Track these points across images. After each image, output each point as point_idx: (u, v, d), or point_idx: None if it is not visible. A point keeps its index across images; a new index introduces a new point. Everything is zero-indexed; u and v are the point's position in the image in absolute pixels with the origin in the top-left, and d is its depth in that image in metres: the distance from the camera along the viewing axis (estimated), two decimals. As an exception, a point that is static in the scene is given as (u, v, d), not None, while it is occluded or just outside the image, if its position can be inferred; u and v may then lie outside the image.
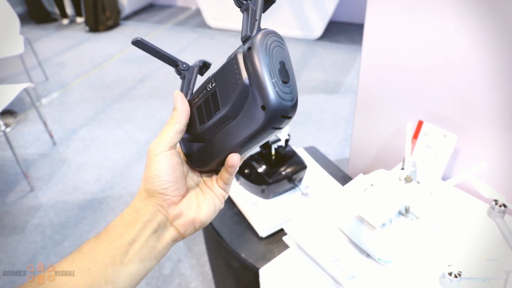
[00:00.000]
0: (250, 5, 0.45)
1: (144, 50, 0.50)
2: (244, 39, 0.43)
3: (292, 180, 1.16)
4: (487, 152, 1.10)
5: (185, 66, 0.53)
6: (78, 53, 4.32)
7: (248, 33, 0.43)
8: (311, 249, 0.92)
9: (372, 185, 0.95)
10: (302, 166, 1.18)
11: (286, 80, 0.41)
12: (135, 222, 0.45)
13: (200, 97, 0.48)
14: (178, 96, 0.49)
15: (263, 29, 0.42)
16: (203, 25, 5.08)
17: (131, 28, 5.13)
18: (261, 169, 1.13)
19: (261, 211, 1.13)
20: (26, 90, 2.47)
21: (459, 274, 0.80)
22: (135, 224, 0.45)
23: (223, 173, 0.50)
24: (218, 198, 0.51)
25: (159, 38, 4.74)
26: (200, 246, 1.94)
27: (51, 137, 2.78)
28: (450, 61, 1.07)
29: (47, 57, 4.18)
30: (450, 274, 0.81)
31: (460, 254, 0.91)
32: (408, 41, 1.14)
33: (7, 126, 2.95)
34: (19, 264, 1.87)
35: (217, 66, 0.47)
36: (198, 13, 5.50)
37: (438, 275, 0.85)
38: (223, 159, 0.47)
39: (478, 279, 0.82)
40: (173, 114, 0.48)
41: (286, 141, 1.19)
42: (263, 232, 1.09)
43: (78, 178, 2.47)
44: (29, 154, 2.68)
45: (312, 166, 1.29)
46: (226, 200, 0.97)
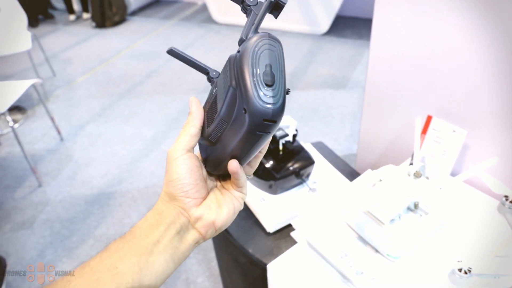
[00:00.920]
0: (253, 10, 0.45)
1: (176, 58, 0.51)
2: (239, 43, 0.44)
3: (299, 175, 1.16)
4: (497, 147, 1.09)
5: (215, 73, 0.53)
6: (85, 49, 4.33)
7: (243, 37, 0.43)
8: (319, 244, 0.92)
9: (381, 180, 0.94)
10: (309, 162, 1.17)
11: (270, 83, 0.40)
12: (159, 223, 0.46)
13: (208, 101, 0.50)
14: (193, 101, 0.50)
15: (259, 33, 0.42)
16: (210, 20, 5.07)
17: (138, 23, 5.13)
18: (268, 164, 1.13)
19: (268, 207, 1.12)
20: (33, 86, 2.48)
21: (469, 270, 0.80)
22: (159, 225, 0.46)
23: (227, 182, 0.52)
24: (236, 199, 0.52)
25: (166, 33, 4.74)
26: (207, 242, 1.95)
27: (59, 133, 2.80)
28: (460, 55, 1.05)
29: (54, 53, 4.19)
30: (460, 270, 0.80)
31: (469, 250, 0.90)
32: (416, 35, 1.13)
33: (15, 122, 2.97)
34: (28, 258, 1.89)
35: (226, 59, 0.47)
36: (204, 8, 5.48)
37: (447, 271, 0.84)
38: (227, 165, 0.48)
39: (488, 276, 0.81)
40: (188, 118, 0.49)
41: (294, 136, 1.19)
42: (271, 227, 1.09)
43: (86, 173, 2.48)
44: (37, 150, 2.69)
45: (319, 162, 1.29)
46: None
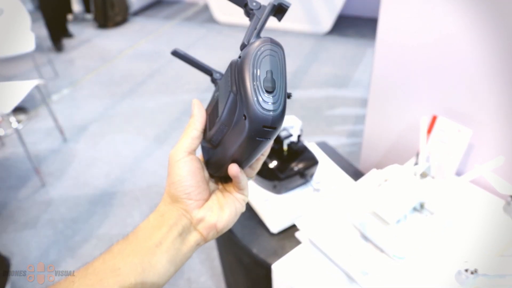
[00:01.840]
0: (256, 14, 0.45)
1: (180, 59, 0.51)
2: (241, 48, 0.43)
3: (304, 175, 1.15)
4: (502, 146, 1.08)
5: (218, 75, 0.53)
6: (87, 49, 4.34)
7: (245, 42, 0.43)
8: (324, 244, 0.92)
9: (386, 180, 0.94)
10: (313, 162, 1.17)
11: (271, 89, 0.39)
12: (161, 225, 0.46)
13: (211, 104, 0.50)
14: (195, 103, 0.50)
15: (261, 37, 0.42)
16: (211, 20, 5.07)
17: (140, 24, 5.13)
18: (272, 164, 1.13)
19: (272, 207, 1.12)
20: (37, 87, 2.48)
21: (476, 271, 0.79)
22: (161, 227, 0.46)
23: (229, 185, 0.52)
24: (238, 201, 0.51)
25: (168, 33, 4.74)
26: (209, 241, 1.94)
27: (62, 133, 2.80)
28: (466, 55, 1.05)
29: (57, 53, 4.19)
30: (466, 270, 0.80)
31: (475, 250, 0.90)
32: (422, 34, 1.12)
33: (19, 122, 2.97)
34: (32, 258, 1.89)
35: (227, 59, 0.47)
36: (206, 8, 5.48)
37: (453, 272, 0.84)
38: (228, 168, 0.48)
39: (494, 276, 0.81)
40: (190, 120, 0.49)
41: (298, 136, 1.18)
42: (275, 227, 1.09)
43: (88, 173, 2.48)
44: (40, 150, 2.70)
45: (323, 161, 1.28)
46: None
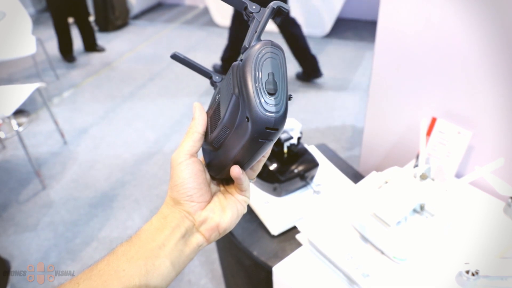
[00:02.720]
0: (256, 17, 0.45)
1: (179, 63, 0.52)
2: (242, 51, 0.44)
3: (304, 178, 1.16)
4: (502, 148, 1.09)
5: (218, 78, 0.53)
6: (88, 52, 4.34)
7: (246, 45, 0.43)
8: (325, 246, 0.92)
9: (386, 182, 0.94)
10: (314, 164, 1.17)
11: (273, 92, 0.40)
12: (164, 227, 0.47)
13: (212, 107, 0.50)
14: (196, 106, 0.50)
15: (261, 40, 0.43)
16: (211, 23, 5.08)
17: (140, 27, 5.14)
18: (273, 167, 1.13)
19: (273, 209, 1.12)
20: (38, 90, 2.49)
21: (477, 273, 0.79)
22: (164, 229, 0.47)
23: (230, 187, 0.52)
24: (240, 203, 0.52)
25: (168, 37, 4.75)
26: (209, 244, 1.95)
27: (62, 136, 2.80)
28: (465, 57, 1.06)
29: (58, 57, 4.20)
30: (467, 272, 0.80)
31: (475, 252, 0.90)
32: (421, 37, 1.13)
33: (20, 125, 2.98)
34: (32, 261, 1.89)
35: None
36: (206, 11, 5.49)
37: (454, 273, 0.84)
38: (229, 169, 0.48)
39: (495, 277, 0.81)
40: (191, 123, 0.49)
41: (298, 139, 1.19)
42: (275, 230, 1.09)
43: (89, 176, 2.48)
44: (41, 153, 2.70)
45: (323, 164, 1.29)
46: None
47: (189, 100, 3.31)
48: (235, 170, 0.47)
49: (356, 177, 1.27)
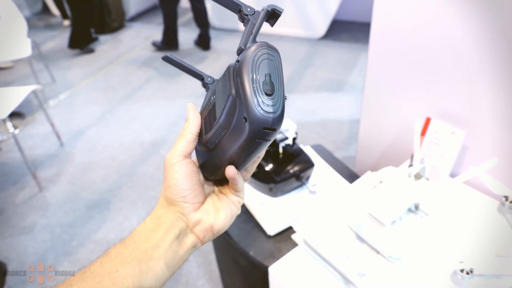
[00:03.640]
0: (250, 19, 0.46)
1: (171, 64, 0.52)
2: (238, 52, 0.44)
3: (299, 178, 1.16)
4: (496, 148, 1.10)
5: (210, 79, 0.54)
6: (84, 55, 4.34)
7: (242, 46, 0.44)
8: (321, 246, 0.92)
9: (381, 182, 0.95)
10: (309, 164, 1.18)
11: (270, 92, 0.41)
12: (158, 228, 0.47)
13: (206, 108, 0.50)
14: (190, 108, 0.50)
15: (257, 42, 0.44)
16: (208, 25, 5.08)
17: (136, 29, 5.14)
18: (268, 167, 1.13)
19: (269, 210, 1.13)
20: (34, 92, 2.48)
21: (471, 271, 0.80)
22: (158, 230, 0.47)
23: (224, 187, 0.53)
24: (234, 204, 0.52)
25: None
26: (207, 244, 1.95)
27: (59, 138, 2.80)
28: (458, 56, 1.06)
29: (54, 59, 4.20)
30: (462, 271, 0.80)
31: (470, 251, 0.91)
32: (415, 37, 1.13)
33: (16, 127, 2.97)
34: (29, 263, 1.88)
35: (223, 64, 0.48)
36: (202, 13, 5.49)
37: (449, 272, 0.84)
38: (224, 170, 0.48)
39: (490, 276, 0.82)
40: (185, 124, 0.49)
41: (294, 139, 1.19)
42: (271, 230, 1.09)
43: (86, 178, 2.48)
44: (37, 155, 2.69)
45: (319, 164, 1.29)
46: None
47: (185, 102, 3.31)
48: (230, 171, 0.47)
49: (351, 177, 1.27)
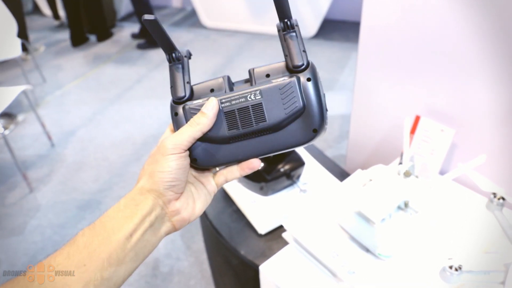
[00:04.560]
0: (296, 32, 0.49)
1: (150, 29, 0.52)
2: (296, 67, 0.48)
3: (290, 177, 1.16)
4: (484, 145, 1.10)
5: (179, 55, 0.55)
6: (75, 54, 4.31)
7: (298, 62, 0.48)
8: (311, 245, 0.93)
9: (371, 180, 0.95)
10: (300, 163, 1.18)
11: (327, 109, 0.49)
12: (133, 215, 0.45)
13: (233, 103, 0.49)
14: (214, 105, 0.48)
15: (309, 61, 0.49)
16: (199, 25, 5.06)
17: (127, 29, 5.11)
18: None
19: (260, 208, 1.13)
20: (24, 93, 2.46)
21: (460, 268, 0.81)
22: (133, 217, 0.45)
23: (234, 172, 0.52)
24: (209, 194, 0.53)
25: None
26: (198, 244, 1.94)
27: (49, 138, 2.78)
28: (447, 55, 1.07)
29: (45, 59, 4.17)
30: (451, 267, 0.81)
31: (459, 247, 0.91)
32: (404, 35, 1.14)
33: (6, 128, 2.94)
34: (20, 265, 1.87)
35: (215, 63, 0.47)
36: (193, 13, 5.47)
37: (438, 269, 0.85)
38: (241, 162, 0.50)
39: (479, 272, 0.82)
40: (200, 119, 0.48)
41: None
42: (262, 229, 1.09)
43: (77, 178, 2.46)
44: (27, 156, 2.67)
45: (310, 163, 1.29)
46: (224, 197, 0.99)
47: (177, 101, 3.30)
48: (256, 163, 0.50)
49: (342, 175, 1.28)
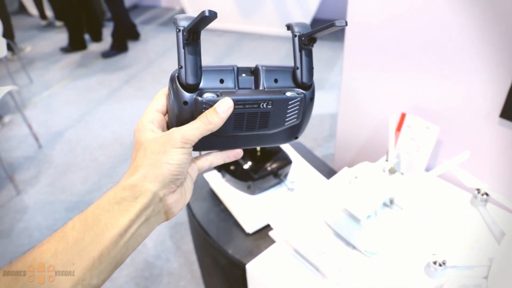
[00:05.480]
0: (311, 49, 0.51)
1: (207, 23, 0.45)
2: (304, 84, 0.51)
3: (277, 175, 1.17)
4: (469, 142, 1.12)
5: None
6: (63, 55, 4.28)
7: (308, 81, 0.51)
8: (297, 243, 0.93)
9: (356, 177, 0.96)
10: (287, 161, 1.18)
11: None
12: (131, 208, 0.42)
13: (246, 107, 0.48)
14: (231, 106, 0.46)
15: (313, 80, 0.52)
16: (188, 24, 5.06)
17: (116, 29, 5.08)
18: (246, 165, 1.13)
19: (247, 207, 1.13)
20: (10, 93, 2.43)
21: (444, 263, 0.81)
22: (130, 211, 0.42)
23: (218, 158, 0.53)
24: (192, 179, 0.52)
25: (145, 38, 4.71)
26: (188, 245, 1.94)
27: (37, 140, 2.75)
28: (431, 53, 1.08)
29: (31, 60, 4.13)
30: (435, 263, 0.82)
31: (444, 243, 0.92)
32: (389, 34, 1.15)
33: (-9, 130, 2.91)
34: (6, 268, 1.85)
35: (204, 63, 0.47)
36: (182, 13, 5.46)
37: (424, 265, 0.86)
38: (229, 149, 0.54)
39: (463, 267, 0.83)
40: (213, 118, 0.45)
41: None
42: (250, 228, 1.09)
43: (65, 180, 2.44)
44: (14, 158, 2.64)
45: (297, 161, 1.30)
46: (212, 197, 0.97)
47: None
48: (240, 153, 0.54)
49: (330, 174, 1.28)
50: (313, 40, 0.50)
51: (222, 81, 0.48)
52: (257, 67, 0.50)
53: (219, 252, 1.09)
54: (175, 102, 0.47)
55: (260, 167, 1.13)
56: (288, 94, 0.50)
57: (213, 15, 0.40)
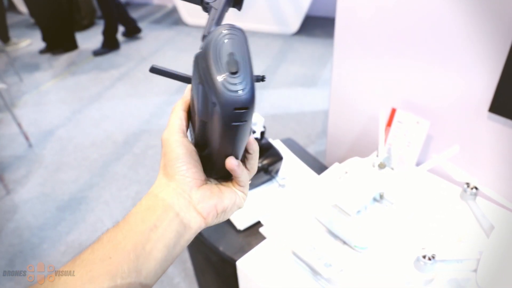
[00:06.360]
0: (213, 7, 0.45)
1: (159, 75, 0.47)
2: (202, 40, 0.42)
3: (268, 171, 1.16)
4: (459, 136, 1.12)
5: None
6: (52, 53, 4.24)
7: (205, 33, 0.42)
8: (288, 239, 0.92)
9: (346, 172, 0.96)
10: (278, 158, 1.18)
11: (235, 70, 0.38)
12: (155, 206, 0.43)
13: (191, 107, 0.47)
14: (187, 88, 0.48)
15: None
16: (180, 22, 5.03)
17: (107, 26, 5.05)
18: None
19: (238, 204, 1.12)
20: (-2, 92, 2.41)
21: (433, 257, 0.81)
22: (155, 209, 0.43)
23: (232, 178, 0.49)
24: (238, 196, 0.49)
25: (136, 36, 4.68)
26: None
27: (27, 139, 2.72)
28: (420, 48, 1.08)
29: (21, 58, 4.09)
30: (424, 257, 0.82)
31: (434, 237, 0.92)
32: (379, 30, 1.15)
33: (-19, 129, 2.88)
34: (-4, 268, 1.83)
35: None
36: (174, 10, 5.44)
37: (414, 259, 0.86)
38: (221, 165, 0.46)
39: (452, 261, 0.83)
40: (177, 102, 0.48)
41: (262, 133, 1.19)
42: (241, 224, 1.09)
43: (56, 179, 2.42)
44: (3, 157, 2.62)
45: (288, 158, 1.29)
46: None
47: (158, 99, 3.27)
48: (231, 162, 0.44)
49: (322, 170, 1.28)
50: (202, 3, 0.47)
51: None
52: None
53: (210, 249, 1.09)
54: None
55: (250, 164, 1.13)
56: None
57: (154, 67, 0.41)
